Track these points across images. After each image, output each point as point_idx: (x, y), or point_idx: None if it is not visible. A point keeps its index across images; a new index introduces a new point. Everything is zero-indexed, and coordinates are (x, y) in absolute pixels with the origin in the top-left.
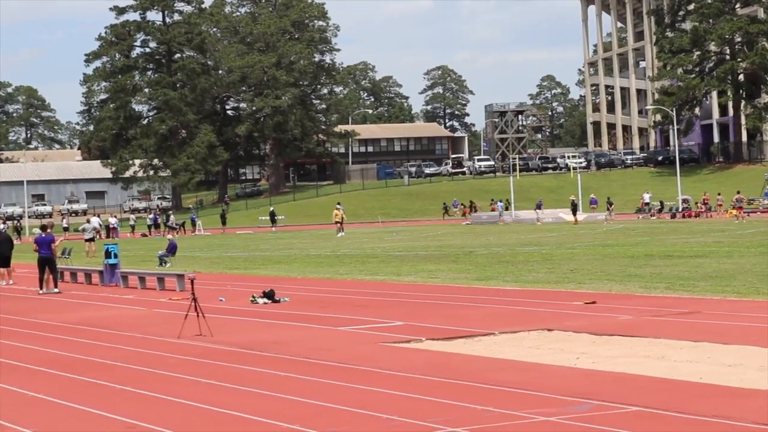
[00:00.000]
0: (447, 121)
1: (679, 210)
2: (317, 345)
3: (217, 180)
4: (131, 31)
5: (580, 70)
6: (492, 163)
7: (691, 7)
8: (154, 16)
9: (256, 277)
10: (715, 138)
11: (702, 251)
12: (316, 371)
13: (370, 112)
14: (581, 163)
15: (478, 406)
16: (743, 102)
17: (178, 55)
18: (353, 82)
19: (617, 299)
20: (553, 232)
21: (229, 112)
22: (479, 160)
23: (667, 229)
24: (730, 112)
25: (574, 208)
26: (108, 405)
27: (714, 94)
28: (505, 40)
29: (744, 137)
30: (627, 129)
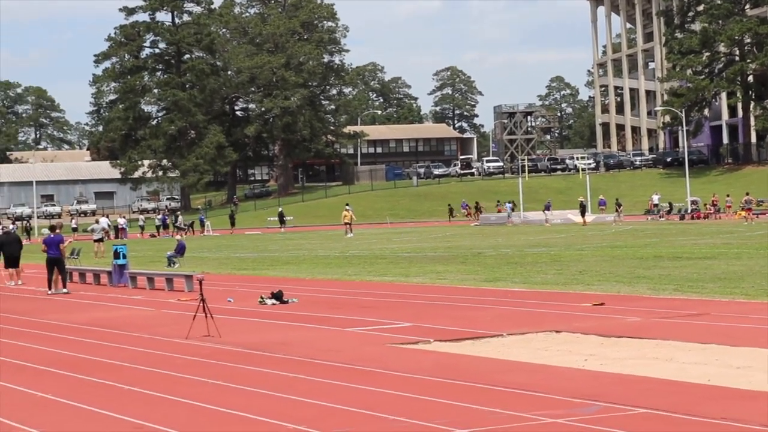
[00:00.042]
0: (456, 122)
1: (688, 211)
2: (325, 346)
3: (225, 181)
4: (140, 32)
5: (589, 71)
6: (501, 164)
7: (700, 8)
8: (164, 17)
9: (264, 278)
10: (725, 139)
11: (711, 253)
12: (324, 372)
13: (379, 112)
14: (590, 164)
15: (485, 407)
16: (752, 103)
17: (188, 55)
18: (362, 83)
19: (626, 301)
20: (562, 234)
21: (238, 113)
22: (488, 161)
23: (676, 230)
24: (740, 113)
25: (583, 210)
26: (115, 405)
27: (723, 96)
28: (514, 41)
29: (753, 138)
30: (636, 130)
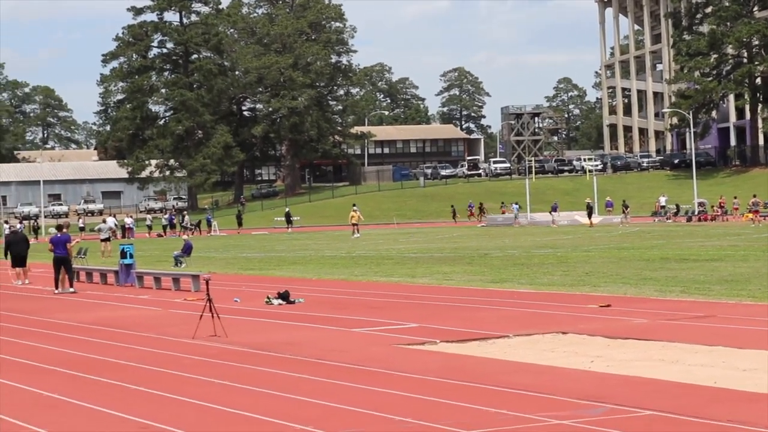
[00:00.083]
0: (463, 122)
1: (695, 213)
2: (331, 346)
3: (232, 181)
4: (148, 32)
5: (596, 72)
6: (508, 165)
7: (708, 10)
8: (172, 17)
9: (271, 278)
10: (732, 141)
11: (717, 255)
12: (330, 372)
13: (386, 113)
14: (597, 165)
15: (491, 408)
16: (760, 105)
17: (195, 55)
18: (369, 84)
19: (632, 302)
20: (569, 235)
21: (245, 113)
22: (495, 162)
23: (683, 232)
24: (747, 115)
25: (590, 211)
26: (122, 405)
27: (731, 98)
28: (521, 42)
29: (761, 141)
30: (643, 132)
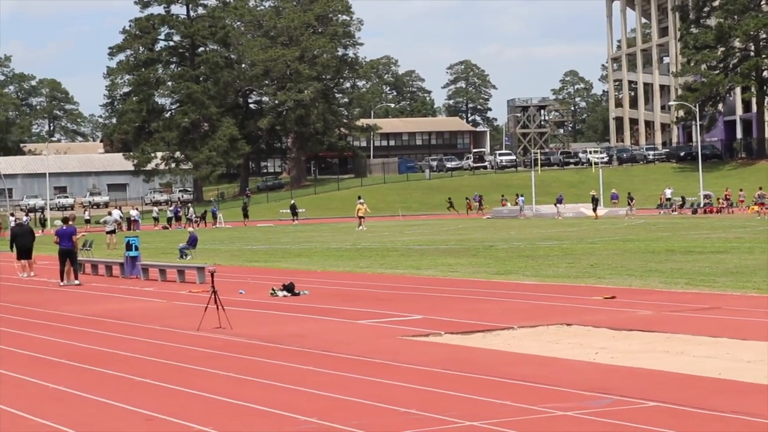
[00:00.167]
0: (469, 115)
1: (701, 206)
2: (336, 338)
3: (238, 173)
4: (155, 25)
5: (603, 65)
6: (513, 157)
7: (716, 3)
8: (178, 10)
9: (276, 270)
10: (738, 134)
11: (723, 247)
12: (335, 364)
13: (393, 106)
14: (603, 158)
15: (496, 400)
16: (767, 98)
17: (202, 48)
18: (376, 76)
19: (637, 294)
20: (574, 227)
21: (251, 106)
22: (501, 155)
23: (689, 224)
24: (754, 108)
25: (595, 204)
26: (127, 397)
27: (737, 91)
28: (528, 35)
29: (767, 133)
30: (649, 124)
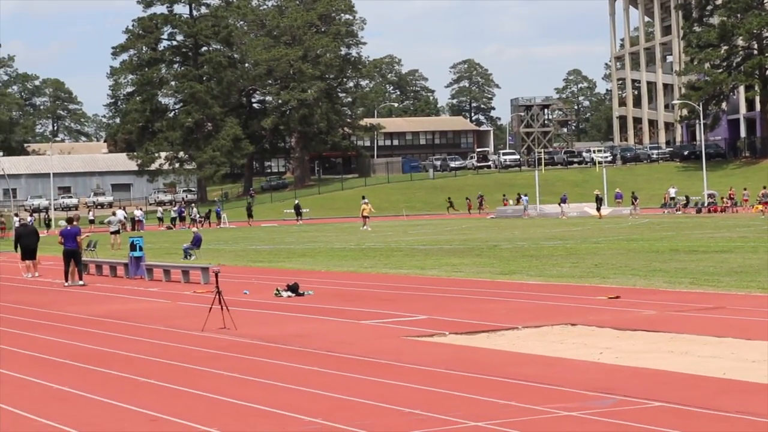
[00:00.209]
0: (473, 114)
1: (705, 205)
2: (341, 338)
3: (242, 173)
4: (158, 24)
5: (606, 64)
6: (517, 156)
7: (719, 1)
8: (181, 9)
9: (280, 270)
10: (742, 133)
11: (727, 246)
12: (339, 365)
13: (396, 105)
14: (607, 157)
15: (500, 400)
16: None
17: (205, 48)
18: (379, 76)
19: (641, 294)
20: (578, 227)
21: (255, 105)
22: (504, 154)
23: (693, 223)
24: (758, 106)
25: (599, 203)
26: (131, 397)
27: (741, 89)
28: (531, 34)
29: None
30: (653, 123)
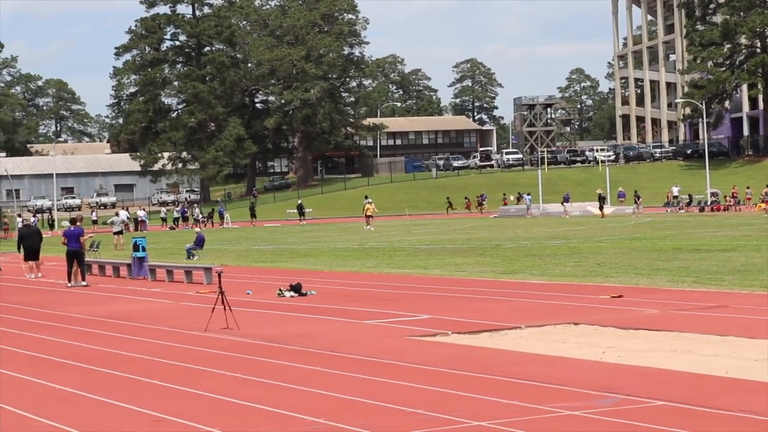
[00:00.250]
0: (475, 114)
1: (708, 203)
2: (344, 338)
3: (245, 173)
4: (161, 25)
5: (609, 63)
6: (520, 156)
7: (722, 0)
8: (184, 9)
9: (283, 270)
10: (745, 131)
11: (730, 245)
12: (342, 365)
13: (399, 105)
14: (610, 156)
15: (503, 399)
16: None
17: (208, 48)
18: (382, 75)
19: (644, 293)
20: (581, 226)
21: (257, 105)
22: (507, 153)
23: (696, 222)
24: (761, 105)
25: (602, 202)
26: (134, 398)
27: (744, 87)
28: (534, 33)
29: None
30: (656, 122)
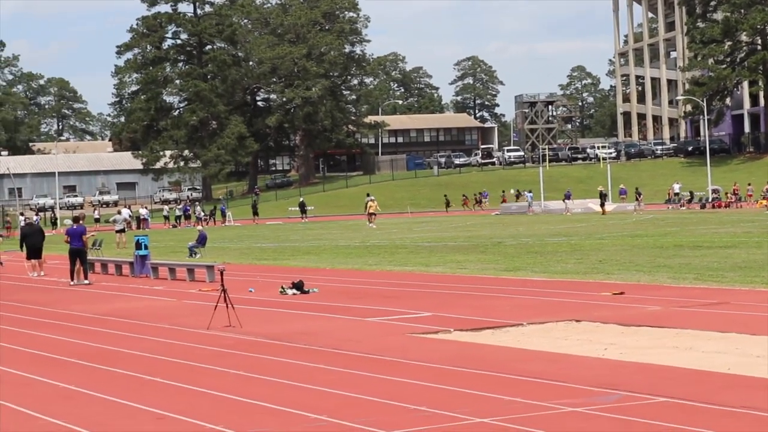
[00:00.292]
0: (477, 111)
1: (709, 200)
2: (346, 336)
3: (247, 171)
4: (163, 23)
5: (610, 60)
6: (521, 153)
7: None
8: (186, 8)
9: (285, 268)
10: (746, 128)
11: (731, 242)
12: (345, 362)
13: (400, 102)
14: (611, 153)
15: (505, 396)
16: None
17: (209, 46)
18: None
19: (646, 290)
20: (582, 223)
21: (259, 103)
22: (509, 151)
23: (697, 219)
24: (761, 102)
25: (603, 199)
26: (137, 396)
27: (745, 84)
28: (535, 31)
29: None
30: (657, 119)
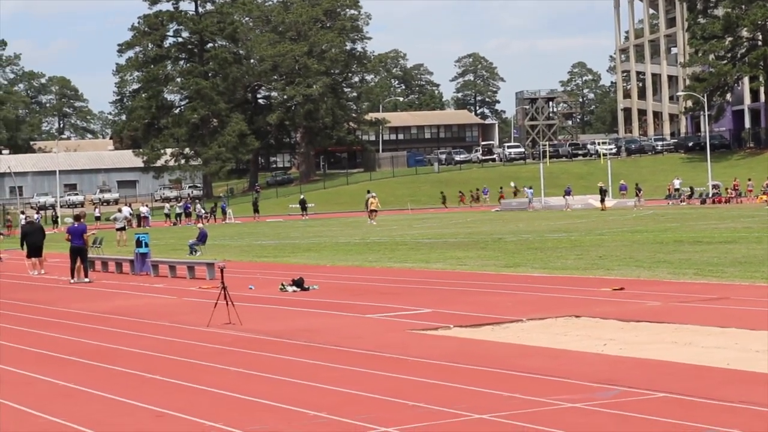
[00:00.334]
0: (477, 108)
1: (709, 196)
2: (346, 333)
3: (247, 168)
4: (164, 21)
5: (611, 56)
6: (522, 149)
7: None
8: (187, 6)
9: (285, 265)
10: (747, 124)
11: (732, 237)
12: (345, 359)
13: (401, 99)
14: (612, 149)
15: (505, 392)
16: None
17: (210, 44)
18: (384, 70)
19: (645, 285)
20: (582, 219)
21: (260, 101)
22: (509, 147)
23: (697, 215)
24: (762, 97)
25: (603, 195)
26: (137, 393)
27: (746, 80)
28: (536, 27)
29: None
30: (658, 115)
